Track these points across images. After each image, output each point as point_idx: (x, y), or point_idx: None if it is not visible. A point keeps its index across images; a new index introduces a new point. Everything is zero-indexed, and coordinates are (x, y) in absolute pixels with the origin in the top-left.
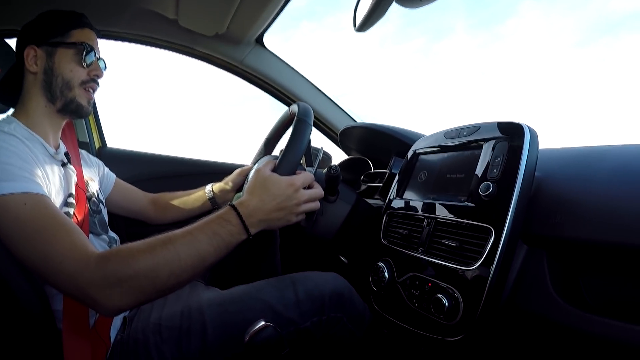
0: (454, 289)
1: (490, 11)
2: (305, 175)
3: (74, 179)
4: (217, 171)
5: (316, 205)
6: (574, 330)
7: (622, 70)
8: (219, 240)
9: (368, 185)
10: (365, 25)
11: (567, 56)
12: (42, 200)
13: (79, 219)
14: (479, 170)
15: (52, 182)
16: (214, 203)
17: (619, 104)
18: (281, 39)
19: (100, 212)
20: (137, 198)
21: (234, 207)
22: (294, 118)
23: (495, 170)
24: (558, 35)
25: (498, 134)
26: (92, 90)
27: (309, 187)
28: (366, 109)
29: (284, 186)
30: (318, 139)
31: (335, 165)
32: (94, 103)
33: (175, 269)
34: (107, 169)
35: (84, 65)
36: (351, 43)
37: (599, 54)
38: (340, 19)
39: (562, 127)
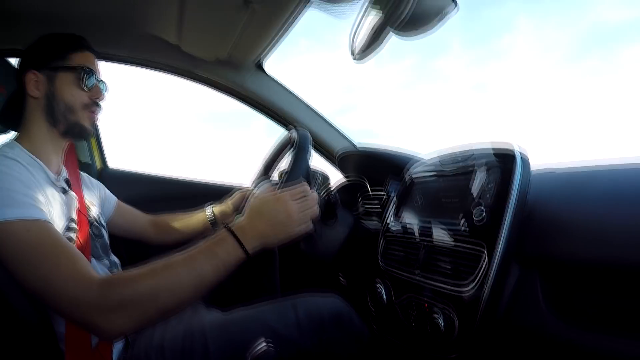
0: (450, 310)
1: (485, 27)
2: (292, 188)
3: (75, 205)
4: (217, 192)
5: (313, 211)
6: (567, 346)
7: (616, 82)
8: (217, 260)
9: (365, 207)
10: (363, 55)
11: (561, 70)
12: (45, 226)
13: (81, 243)
14: (473, 196)
15: (54, 208)
16: (215, 224)
17: (609, 116)
18: (279, 56)
19: (102, 236)
20: (138, 220)
21: (228, 228)
22: (292, 142)
23: (487, 196)
24: (552, 49)
25: (490, 159)
26: (94, 113)
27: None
28: (364, 123)
29: (271, 202)
30: (316, 160)
31: (335, 193)
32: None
33: (176, 290)
34: (108, 192)
35: (85, 89)
36: (347, 61)
37: (592, 67)
38: (337, 38)
39: (558, 140)
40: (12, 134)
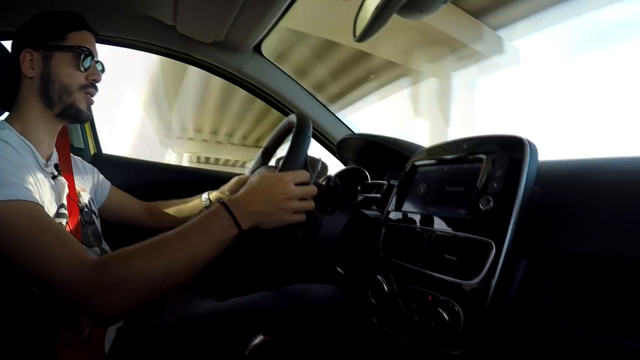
0: (455, 303)
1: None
2: (296, 172)
3: (66, 190)
4: (213, 179)
5: (310, 204)
6: (573, 344)
7: (614, 78)
8: (210, 235)
9: (365, 196)
10: (365, 35)
11: (559, 66)
12: (35, 208)
13: (71, 230)
14: (479, 184)
15: (43, 193)
16: None
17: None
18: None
19: (93, 222)
20: (132, 206)
21: (222, 202)
22: (292, 128)
23: (495, 184)
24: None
25: (498, 147)
26: (91, 95)
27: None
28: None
29: (273, 179)
30: (314, 148)
31: (335, 177)
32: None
33: (170, 267)
34: (101, 177)
35: (82, 69)
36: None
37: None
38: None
39: (560, 137)
40: (4, 115)
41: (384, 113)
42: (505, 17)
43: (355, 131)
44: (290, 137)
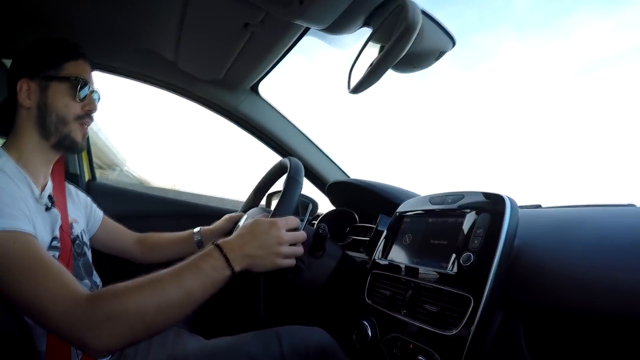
0: (434, 352)
1: (474, 53)
2: (288, 218)
3: (59, 223)
4: (205, 214)
5: (299, 250)
6: None
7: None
8: (203, 275)
9: (353, 239)
10: (359, 88)
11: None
12: (31, 240)
13: (63, 263)
14: (461, 240)
15: (37, 224)
16: (201, 246)
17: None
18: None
19: (84, 254)
20: (124, 237)
21: (216, 244)
22: (285, 170)
23: (476, 241)
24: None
25: (481, 203)
26: (86, 125)
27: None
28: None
29: (266, 225)
30: (306, 187)
31: (324, 225)
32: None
33: (162, 305)
34: (94, 207)
35: (78, 100)
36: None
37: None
38: (329, 56)
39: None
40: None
41: None
42: None
43: (348, 174)
44: (282, 179)
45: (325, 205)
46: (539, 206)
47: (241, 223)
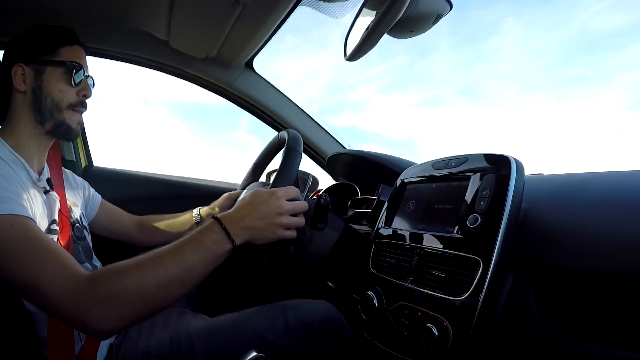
0: (443, 318)
1: (473, 29)
2: (288, 188)
3: (57, 206)
4: (204, 194)
5: (301, 220)
6: (560, 355)
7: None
8: (203, 249)
9: (355, 211)
10: (356, 55)
11: (549, 76)
12: (28, 222)
13: (62, 246)
14: (467, 202)
15: (36, 209)
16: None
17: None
18: (266, 55)
19: (84, 238)
20: (123, 220)
21: (216, 218)
22: (283, 144)
23: (482, 203)
24: (539, 54)
25: (485, 165)
26: (80, 112)
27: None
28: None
29: (265, 195)
30: (305, 163)
31: (325, 195)
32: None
33: (163, 281)
34: (92, 190)
35: (73, 84)
36: (337, 58)
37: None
38: (326, 34)
39: (546, 147)
40: None
41: None
42: None
43: (346, 146)
44: (281, 153)
45: (326, 181)
46: (541, 174)
47: (240, 198)
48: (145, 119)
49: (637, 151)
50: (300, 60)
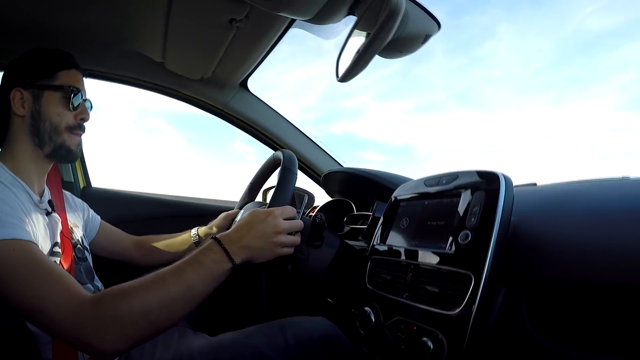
0: (438, 332)
1: (467, 35)
2: (284, 207)
3: (59, 227)
4: (202, 213)
5: (297, 238)
6: None
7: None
8: (204, 269)
9: (351, 227)
10: (348, 76)
11: (544, 78)
12: (31, 247)
13: (65, 268)
14: (458, 219)
15: (38, 231)
16: (200, 246)
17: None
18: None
19: (85, 259)
20: (122, 241)
21: (215, 238)
22: (278, 164)
23: (473, 219)
24: (534, 57)
25: (475, 182)
26: (79, 135)
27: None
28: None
29: (263, 215)
30: (302, 180)
31: (320, 214)
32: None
33: (166, 302)
34: (92, 212)
35: (71, 108)
36: (333, 67)
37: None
38: (322, 43)
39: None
40: None
41: None
42: None
43: (342, 163)
44: (276, 172)
45: (322, 198)
46: (534, 184)
47: (238, 219)
48: (141, 131)
49: (632, 150)
50: (296, 69)
